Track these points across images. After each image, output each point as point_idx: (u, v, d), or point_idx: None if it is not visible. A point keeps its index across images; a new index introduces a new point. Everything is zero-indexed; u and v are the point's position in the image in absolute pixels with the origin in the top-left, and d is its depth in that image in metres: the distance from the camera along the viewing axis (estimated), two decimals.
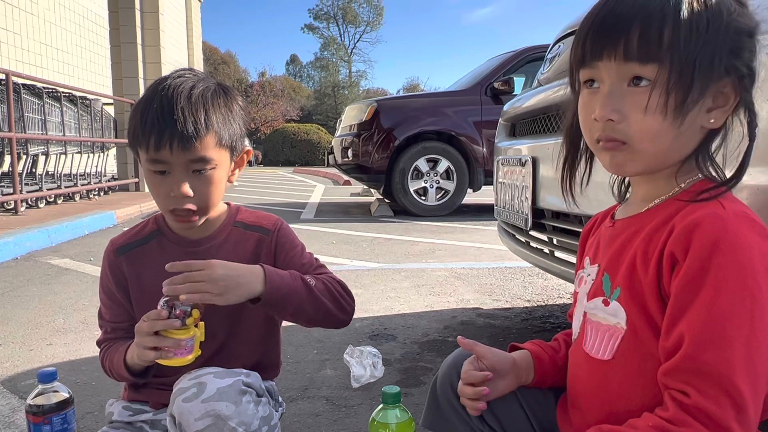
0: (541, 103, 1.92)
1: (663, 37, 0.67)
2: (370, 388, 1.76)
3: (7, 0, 8.44)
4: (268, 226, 1.17)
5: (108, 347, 1.15)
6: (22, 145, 5.89)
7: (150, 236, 1.16)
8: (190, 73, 1.09)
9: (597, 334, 0.78)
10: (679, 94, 0.67)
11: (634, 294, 0.72)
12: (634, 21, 0.68)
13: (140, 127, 1.01)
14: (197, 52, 15.48)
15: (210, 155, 1.03)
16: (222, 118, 1.05)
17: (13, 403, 1.69)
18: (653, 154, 0.72)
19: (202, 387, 0.93)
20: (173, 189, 1.02)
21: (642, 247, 0.72)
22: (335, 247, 4.40)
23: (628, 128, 0.71)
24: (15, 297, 2.96)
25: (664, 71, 0.68)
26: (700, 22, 0.67)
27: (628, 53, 0.69)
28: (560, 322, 2.48)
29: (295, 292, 1.04)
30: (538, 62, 4.96)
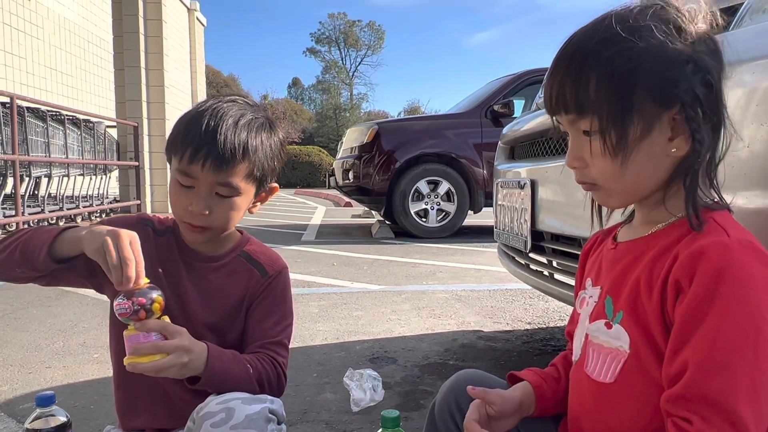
0: (540, 126, 1.94)
1: (589, 91, 0.72)
2: (370, 412, 1.75)
3: (13, 25, 8.57)
4: (269, 269, 1.16)
5: None
6: (25, 168, 5.92)
7: (166, 231, 1.16)
8: (243, 100, 1.11)
9: (599, 356, 0.78)
10: (613, 136, 0.72)
11: (637, 318, 0.73)
12: (566, 78, 0.74)
13: (181, 136, 1.04)
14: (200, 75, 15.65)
15: (237, 183, 1.04)
16: (259, 152, 1.06)
17: (11, 427, 1.68)
18: (623, 190, 0.76)
19: (230, 413, 0.93)
20: (192, 204, 1.03)
21: (646, 272, 0.73)
22: (336, 269, 4.40)
23: (590, 172, 0.77)
24: (15, 319, 2.95)
25: (596, 120, 0.72)
26: (619, 69, 0.70)
27: (568, 109, 0.75)
28: (561, 345, 2.47)
29: (233, 378, 1.01)
30: (537, 85, 5.01)
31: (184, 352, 0.94)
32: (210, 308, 1.12)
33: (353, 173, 6.46)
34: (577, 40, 0.75)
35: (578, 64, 0.73)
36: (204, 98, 5.31)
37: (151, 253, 1.12)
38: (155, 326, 0.93)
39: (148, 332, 0.93)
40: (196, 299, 1.12)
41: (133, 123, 8.62)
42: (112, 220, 1.14)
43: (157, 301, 0.95)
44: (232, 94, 1.15)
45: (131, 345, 0.93)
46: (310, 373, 2.12)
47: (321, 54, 55.50)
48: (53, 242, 0.98)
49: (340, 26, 55.21)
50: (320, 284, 3.82)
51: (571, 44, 0.75)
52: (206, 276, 1.13)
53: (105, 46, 11.37)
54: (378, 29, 56.07)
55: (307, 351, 2.39)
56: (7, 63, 8.42)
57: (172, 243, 1.15)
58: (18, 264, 1.01)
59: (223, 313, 1.13)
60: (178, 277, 1.13)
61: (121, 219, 1.16)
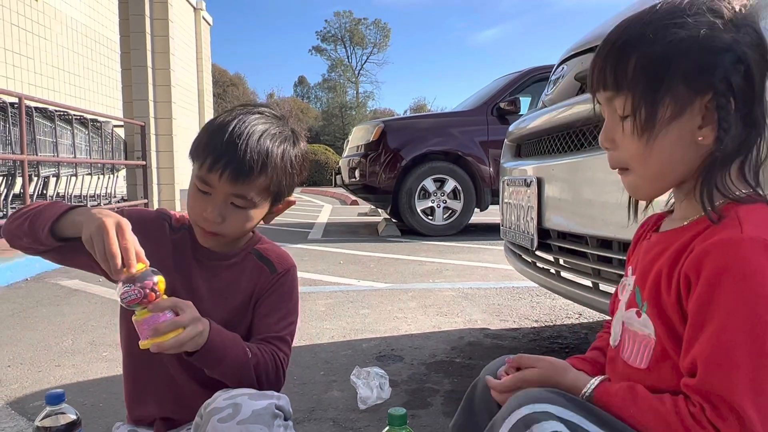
0: (546, 124, 1.94)
1: (627, 69, 0.75)
2: (377, 410, 1.76)
3: (20, 25, 8.62)
4: (278, 267, 1.17)
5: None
6: (34, 167, 5.96)
7: (181, 228, 1.17)
8: (271, 112, 1.12)
9: (634, 343, 0.80)
10: (643, 115, 0.74)
11: (658, 310, 0.75)
12: (609, 56, 0.77)
13: (204, 143, 1.05)
14: (207, 74, 15.69)
15: (252, 196, 1.05)
16: (278, 168, 1.07)
17: (21, 425, 1.70)
18: (650, 175, 0.77)
19: (237, 408, 0.93)
20: (207, 210, 1.05)
21: (667, 265, 0.74)
22: (343, 267, 4.40)
23: (621, 155, 0.79)
24: (24, 318, 2.98)
25: (629, 97, 0.75)
26: (658, 51, 0.73)
27: (606, 86, 0.78)
28: (568, 342, 2.47)
29: (228, 357, 1.02)
30: (543, 82, 5.00)
31: (198, 321, 0.97)
32: (221, 305, 1.14)
33: (359, 171, 6.47)
34: (626, 23, 0.77)
35: (622, 44, 0.76)
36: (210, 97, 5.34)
37: (165, 248, 1.14)
38: (169, 304, 0.95)
39: (163, 311, 0.94)
40: (208, 296, 1.14)
41: (140, 122, 8.65)
42: (132, 211, 1.15)
43: (160, 281, 0.96)
44: (259, 104, 1.15)
45: (150, 327, 0.94)
46: (317, 371, 2.13)
47: (327, 52, 55.58)
48: (57, 220, 0.99)
49: (345, 24, 55.23)
50: (327, 282, 3.83)
51: (621, 26, 0.78)
52: (218, 273, 1.15)
53: (112, 45, 11.41)
54: (384, 27, 56.07)
55: (314, 349, 2.40)
56: (15, 63, 8.47)
57: (186, 240, 1.16)
58: (26, 234, 1.03)
59: (233, 309, 1.14)
60: (190, 273, 1.14)
61: (139, 211, 1.17)
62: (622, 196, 1.33)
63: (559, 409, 0.73)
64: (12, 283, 3.89)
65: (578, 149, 1.73)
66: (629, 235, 1.38)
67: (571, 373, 0.84)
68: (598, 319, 2.83)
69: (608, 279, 1.62)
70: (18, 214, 1.06)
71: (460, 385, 1.95)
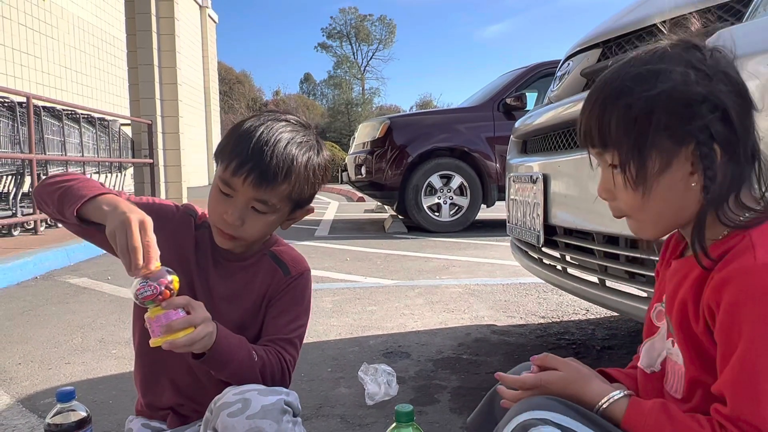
0: (552, 120, 1.93)
1: (611, 127, 0.76)
2: (385, 406, 1.76)
3: (28, 25, 8.67)
4: (292, 270, 1.18)
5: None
6: (42, 166, 6.00)
7: (202, 226, 1.18)
8: (296, 119, 1.13)
9: (674, 373, 0.81)
10: (633, 170, 0.75)
11: (688, 338, 0.76)
12: (593, 114, 0.79)
13: (231, 146, 1.06)
14: (213, 72, 15.73)
15: (274, 202, 1.07)
16: (302, 177, 1.08)
17: (32, 422, 1.72)
18: (651, 221, 0.79)
19: (247, 403, 0.95)
20: (227, 213, 1.06)
21: (691, 295, 0.76)
22: (349, 264, 4.41)
23: (620, 204, 0.81)
24: (34, 316, 3.00)
25: (617, 154, 0.77)
26: (637, 108, 0.74)
27: (594, 143, 0.80)
28: (575, 338, 2.47)
29: (235, 360, 1.03)
30: (550, 77, 4.98)
31: (209, 321, 0.98)
32: (236, 305, 1.15)
33: (366, 168, 6.47)
34: (604, 80, 0.80)
35: (602, 102, 0.78)
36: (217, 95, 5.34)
37: (189, 244, 1.16)
38: (183, 302, 0.96)
39: (176, 309, 0.95)
40: (223, 296, 1.15)
41: (147, 120, 8.69)
42: (159, 206, 1.15)
43: (175, 280, 0.97)
44: (286, 111, 1.17)
45: (163, 324, 0.95)
46: (324, 367, 2.14)
47: (332, 49, 55.50)
48: (86, 202, 1.00)
49: (351, 21, 55.13)
50: (334, 279, 3.84)
51: (600, 83, 0.80)
52: (234, 274, 1.16)
53: (118, 44, 11.46)
54: (389, 23, 55.91)
55: (322, 346, 2.41)
56: (23, 63, 8.52)
57: (207, 238, 1.17)
58: (54, 204, 1.04)
59: (246, 311, 1.16)
60: (208, 271, 1.16)
61: (166, 206, 1.18)
62: None
63: (557, 415, 0.74)
64: (22, 281, 3.93)
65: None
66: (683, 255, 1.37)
67: (595, 382, 0.82)
68: (605, 315, 2.83)
69: (615, 275, 1.62)
70: (52, 181, 1.06)
71: (467, 382, 1.96)
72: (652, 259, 1.39)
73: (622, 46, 1.67)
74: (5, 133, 5.35)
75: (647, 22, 1.55)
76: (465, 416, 1.68)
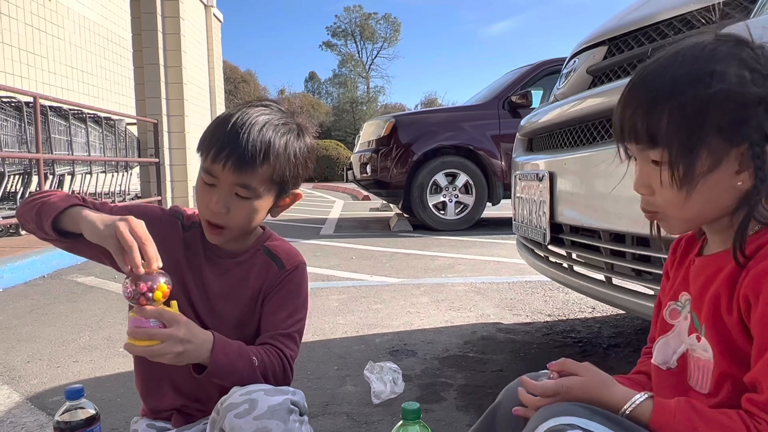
0: (558, 118, 1.93)
1: (660, 124, 0.75)
2: (391, 404, 1.77)
3: (34, 25, 8.71)
4: (287, 263, 1.18)
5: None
6: (49, 166, 6.03)
7: (192, 226, 1.19)
8: (277, 106, 1.14)
9: (698, 369, 0.81)
10: (681, 169, 0.75)
11: (719, 332, 0.76)
12: (638, 110, 0.77)
13: (209, 136, 1.07)
14: (218, 71, 15.75)
15: (255, 186, 1.06)
16: (281, 158, 1.08)
17: (41, 420, 1.73)
18: (686, 219, 0.79)
19: (253, 404, 0.95)
20: (212, 202, 1.06)
21: (726, 288, 0.76)
22: (355, 263, 4.42)
23: (656, 200, 0.80)
24: (42, 314, 3.02)
25: (666, 153, 0.76)
26: (691, 103, 0.73)
27: (639, 139, 0.78)
28: (582, 336, 2.46)
29: (237, 371, 1.03)
30: (555, 75, 4.96)
31: (178, 342, 0.96)
32: (232, 302, 1.15)
33: (371, 167, 6.48)
34: (650, 74, 0.78)
35: (652, 99, 0.76)
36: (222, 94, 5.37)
37: (178, 246, 1.15)
38: (151, 313, 0.95)
39: (147, 318, 0.95)
40: (220, 293, 1.15)
41: (153, 120, 8.71)
42: (144, 210, 1.16)
43: (160, 289, 0.96)
44: (267, 100, 1.17)
45: (129, 327, 0.96)
46: (330, 366, 2.14)
47: (337, 47, 55.53)
48: (60, 214, 1.01)
49: (355, 19, 55.13)
50: (339, 278, 3.84)
51: (645, 77, 0.78)
52: (228, 271, 1.16)
53: (124, 44, 11.49)
54: (394, 21, 55.89)
55: (328, 344, 2.41)
56: (29, 63, 8.56)
57: (197, 238, 1.17)
58: (33, 221, 1.05)
59: (243, 307, 1.15)
60: (202, 271, 1.15)
61: (151, 210, 1.18)
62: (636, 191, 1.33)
63: (584, 421, 0.73)
64: (30, 280, 3.95)
65: (590, 143, 1.72)
66: (642, 229, 1.38)
67: (616, 386, 0.82)
68: (611, 313, 2.82)
69: (621, 273, 1.61)
70: (30, 199, 1.08)
71: (473, 380, 1.96)
72: (658, 257, 1.39)
73: (628, 43, 1.67)
74: (12, 132, 5.38)
75: (653, 19, 1.54)
76: (471, 414, 1.68)
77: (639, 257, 1.49)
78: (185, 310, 1.10)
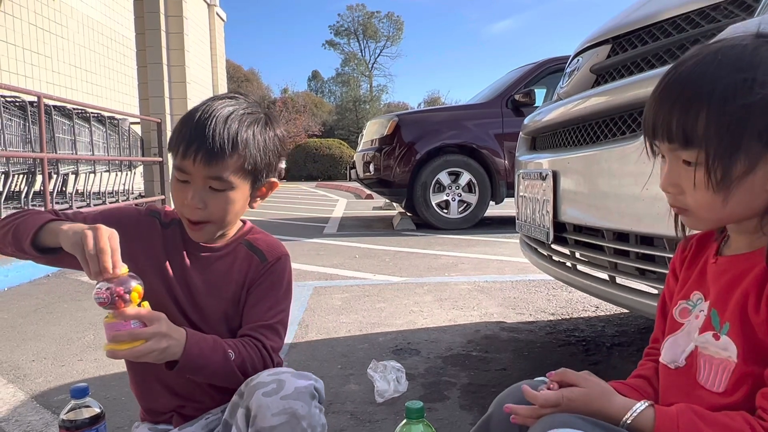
0: (561, 117, 1.93)
1: (698, 125, 0.74)
2: (394, 403, 1.77)
3: (38, 24, 8.73)
4: (268, 256, 1.17)
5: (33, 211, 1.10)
6: (53, 165, 6.05)
7: (171, 223, 1.18)
8: (242, 97, 1.14)
9: (711, 367, 0.80)
10: (719, 172, 0.74)
11: (744, 330, 0.76)
12: (674, 109, 0.76)
13: (176, 133, 1.08)
14: (221, 70, 15.76)
15: (228, 177, 1.06)
16: (251, 146, 1.08)
17: (46, 418, 1.74)
18: (715, 219, 0.79)
19: (281, 384, 0.97)
20: (187, 198, 1.06)
21: (755, 287, 0.76)
22: (358, 261, 4.42)
23: (685, 200, 0.80)
24: (47, 313, 3.03)
25: (702, 154, 0.75)
26: (733, 107, 0.72)
27: (672, 139, 0.77)
28: (585, 335, 2.46)
29: (210, 364, 1.03)
30: (558, 74, 4.96)
31: (162, 337, 0.96)
32: (217, 296, 1.15)
33: (374, 165, 6.48)
34: (689, 73, 0.76)
35: (688, 98, 0.75)
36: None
37: (157, 244, 1.16)
38: (132, 314, 0.95)
39: (126, 320, 0.95)
40: (203, 288, 1.15)
41: (157, 119, 8.72)
42: (119, 212, 1.17)
43: (135, 290, 0.96)
44: (234, 92, 1.18)
45: (109, 333, 0.95)
46: (334, 364, 2.15)
47: (340, 46, 55.55)
48: (38, 231, 1.02)
49: (358, 18, 55.13)
50: (343, 277, 3.85)
51: (681, 76, 0.77)
52: (210, 265, 1.16)
53: (127, 43, 11.52)
54: (397, 20, 55.86)
55: (331, 343, 2.42)
56: (33, 62, 8.59)
57: (177, 234, 1.17)
58: (11, 244, 1.05)
59: (227, 300, 1.15)
60: (184, 267, 1.15)
61: (127, 211, 1.18)
62: (640, 190, 1.33)
63: None
64: (34, 278, 3.97)
65: (594, 142, 1.72)
66: (646, 228, 1.38)
67: (617, 397, 0.81)
68: (615, 312, 2.82)
69: (625, 272, 1.61)
70: (2, 223, 1.08)
71: (477, 378, 1.96)
72: (663, 256, 1.38)
73: (632, 42, 1.66)
74: (17, 132, 5.39)
75: (657, 17, 1.54)
76: (475, 413, 1.68)
77: (643, 256, 1.49)
78: (171, 309, 1.11)
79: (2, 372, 2.16)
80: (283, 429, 0.95)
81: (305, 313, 2.89)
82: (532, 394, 0.83)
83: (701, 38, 1.35)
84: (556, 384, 0.84)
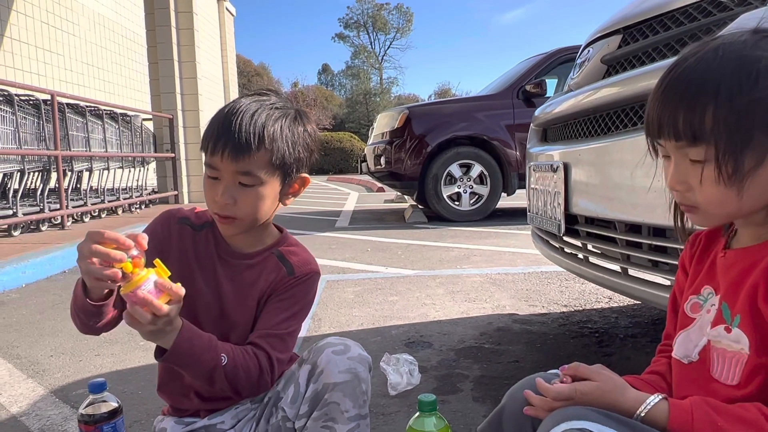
0: (572, 108, 1.92)
1: (705, 121, 0.73)
2: (407, 396, 1.78)
3: (50, 23, 8.80)
4: (297, 271, 1.17)
5: None
6: (67, 163, 6.11)
7: (203, 226, 1.19)
8: (272, 94, 1.15)
9: (724, 360, 0.81)
10: (730, 167, 0.73)
11: (755, 321, 0.76)
12: (680, 107, 0.75)
13: (207, 132, 1.09)
14: (231, 65, 15.80)
15: (256, 172, 1.06)
16: (278, 140, 1.07)
17: (65, 413, 1.77)
18: (726, 214, 0.79)
19: (347, 347, 1.09)
20: (218, 194, 1.07)
21: (764, 278, 0.76)
22: (370, 255, 4.43)
23: (694, 197, 0.79)
24: (64, 309, 3.07)
25: (711, 149, 0.74)
26: (740, 101, 0.72)
27: (679, 136, 0.76)
28: (598, 327, 2.46)
29: (197, 363, 1.02)
30: (570, 63, 4.92)
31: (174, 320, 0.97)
32: (243, 304, 1.15)
33: (385, 158, 6.47)
34: (691, 70, 0.76)
35: (694, 94, 0.74)
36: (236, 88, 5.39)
37: (189, 252, 1.16)
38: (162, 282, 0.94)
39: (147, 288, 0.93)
40: (231, 295, 1.15)
41: (169, 115, 8.78)
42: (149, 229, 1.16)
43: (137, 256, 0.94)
44: (264, 87, 1.20)
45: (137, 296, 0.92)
46: None
47: (350, 39, 55.42)
48: (82, 290, 1.03)
49: (368, 10, 54.94)
50: (355, 270, 3.86)
51: (684, 71, 0.76)
52: (241, 272, 1.16)
53: (138, 40, 11.58)
54: (406, 12, 55.61)
55: (344, 336, 2.43)
56: (46, 60, 8.66)
57: (209, 238, 1.18)
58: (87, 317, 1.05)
59: (253, 308, 1.15)
60: (215, 272, 1.16)
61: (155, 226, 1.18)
62: (651, 181, 1.32)
63: (596, 425, 0.73)
64: (51, 275, 4.02)
65: (605, 133, 1.71)
66: (658, 219, 1.37)
67: (631, 390, 0.82)
68: (628, 303, 2.80)
69: (637, 264, 1.60)
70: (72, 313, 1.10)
71: (490, 371, 1.96)
72: (675, 248, 1.38)
73: (643, 32, 1.65)
74: (31, 130, 5.46)
75: (668, 7, 1.52)
76: (488, 405, 1.69)
77: (655, 248, 1.48)
78: (200, 318, 1.12)
79: (22, 367, 2.20)
80: (345, 387, 1.04)
81: (318, 307, 2.91)
82: (545, 387, 0.83)
83: (714, 27, 1.34)
84: (569, 378, 0.85)
